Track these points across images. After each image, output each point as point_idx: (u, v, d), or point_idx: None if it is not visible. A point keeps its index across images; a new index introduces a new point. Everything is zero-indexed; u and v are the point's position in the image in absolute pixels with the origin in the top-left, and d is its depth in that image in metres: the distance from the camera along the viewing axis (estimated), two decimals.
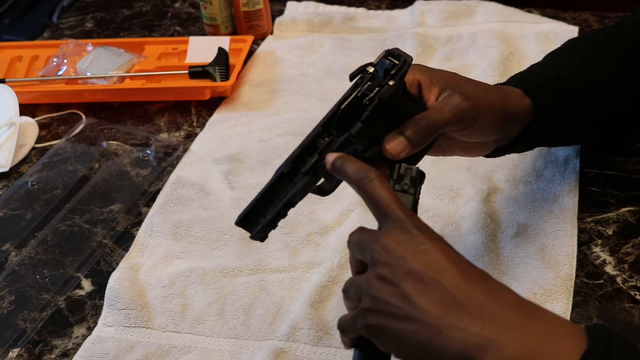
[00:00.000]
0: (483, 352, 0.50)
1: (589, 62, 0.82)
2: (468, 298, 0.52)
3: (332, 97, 1.08)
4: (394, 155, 0.65)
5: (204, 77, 1.11)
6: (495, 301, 0.52)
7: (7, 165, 1.00)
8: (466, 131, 0.69)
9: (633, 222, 0.83)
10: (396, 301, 0.53)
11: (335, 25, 1.23)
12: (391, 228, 0.56)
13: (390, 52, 0.64)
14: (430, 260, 0.53)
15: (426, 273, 0.53)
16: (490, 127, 0.70)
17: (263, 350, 0.74)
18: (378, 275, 0.54)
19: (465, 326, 0.51)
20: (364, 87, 0.64)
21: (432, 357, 0.52)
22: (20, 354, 0.77)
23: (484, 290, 0.52)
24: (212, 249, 0.85)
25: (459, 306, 0.51)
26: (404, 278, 0.53)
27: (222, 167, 0.96)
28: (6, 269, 0.86)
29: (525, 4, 1.26)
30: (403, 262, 0.54)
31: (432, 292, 0.52)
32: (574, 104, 0.78)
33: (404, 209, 0.56)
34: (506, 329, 0.50)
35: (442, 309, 0.52)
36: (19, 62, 1.21)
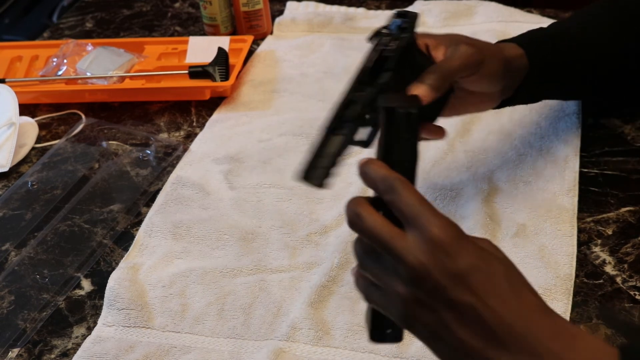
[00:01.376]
0: None
1: (589, 20, 0.88)
2: (506, 332, 0.50)
3: (332, 97, 1.08)
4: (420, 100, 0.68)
5: (204, 77, 1.11)
6: (533, 334, 0.50)
7: (7, 165, 1.00)
8: (474, 77, 0.75)
9: (633, 222, 0.83)
10: (437, 328, 0.52)
11: (335, 25, 1.23)
12: (422, 243, 0.51)
13: (399, 12, 0.73)
14: (467, 285, 0.51)
15: (464, 302, 0.50)
16: (494, 73, 0.77)
17: (263, 350, 0.74)
18: (414, 298, 0.52)
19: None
20: (382, 44, 0.70)
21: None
22: (20, 354, 0.77)
23: (521, 319, 0.51)
24: (212, 249, 0.85)
25: (498, 341, 0.50)
26: (444, 308, 0.51)
27: (222, 167, 0.97)
28: (6, 269, 0.86)
29: (525, 4, 1.26)
30: (441, 291, 0.51)
31: (474, 325, 0.51)
32: (566, 53, 0.84)
33: (437, 220, 0.52)
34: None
35: (482, 343, 0.51)
36: (19, 62, 1.21)
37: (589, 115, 0.97)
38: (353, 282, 0.57)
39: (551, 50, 0.84)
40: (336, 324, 0.75)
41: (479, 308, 0.50)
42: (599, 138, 0.94)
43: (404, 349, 0.72)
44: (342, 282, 0.80)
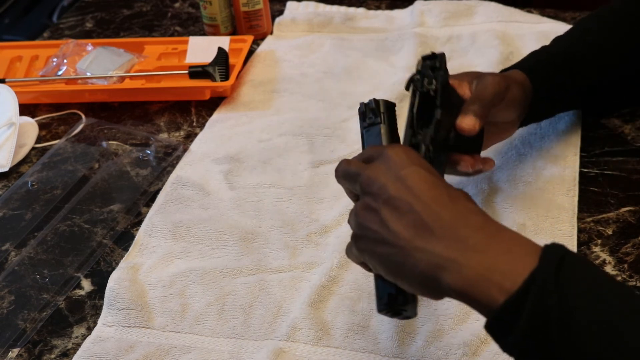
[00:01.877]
0: (443, 272, 0.54)
1: (586, 36, 0.90)
2: (435, 221, 0.56)
3: (332, 97, 1.09)
4: (471, 130, 0.74)
5: (204, 77, 1.11)
6: (460, 223, 0.55)
7: (7, 165, 1.00)
8: (501, 105, 0.78)
9: (633, 222, 0.83)
10: (377, 227, 0.58)
11: (335, 25, 1.23)
12: (375, 159, 0.61)
13: (425, 56, 0.77)
14: (407, 185, 0.57)
15: (402, 199, 0.57)
16: (517, 99, 0.80)
17: (263, 350, 0.74)
18: (364, 204, 0.60)
19: (430, 248, 0.55)
20: (421, 88, 0.74)
21: (406, 277, 0.57)
22: (20, 354, 0.77)
23: (452, 213, 0.56)
24: (212, 249, 0.85)
25: (427, 229, 0.56)
26: (383, 205, 0.58)
27: (222, 167, 0.97)
28: (6, 269, 0.86)
29: (525, 4, 1.26)
30: (383, 190, 0.58)
31: (406, 216, 0.57)
32: (568, 72, 0.87)
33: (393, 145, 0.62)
34: (466, 250, 0.54)
35: (413, 232, 0.56)
36: (19, 62, 1.21)
37: (588, 116, 0.97)
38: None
39: (552, 71, 0.86)
40: (336, 324, 0.75)
41: (413, 202, 0.57)
42: (599, 138, 0.94)
43: (404, 349, 0.72)
44: (342, 282, 0.80)
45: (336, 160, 0.96)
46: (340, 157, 0.96)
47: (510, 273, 0.52)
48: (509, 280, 0.51)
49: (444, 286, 0.54)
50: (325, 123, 1.03)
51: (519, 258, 0.52)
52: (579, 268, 0.52)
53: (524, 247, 0.54)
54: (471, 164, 0.77)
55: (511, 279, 0.51)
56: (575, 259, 0.52)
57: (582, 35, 0.91)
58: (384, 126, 0.69)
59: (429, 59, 0.77)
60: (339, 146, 0.98)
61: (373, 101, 0.70)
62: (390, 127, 0.70)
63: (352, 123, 1.02)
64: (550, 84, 0.85)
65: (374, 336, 0.74)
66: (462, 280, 0.53)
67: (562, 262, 0.51)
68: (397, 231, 0.57)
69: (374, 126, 0.69)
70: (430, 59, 0.77)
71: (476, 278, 0.53)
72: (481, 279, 0.52)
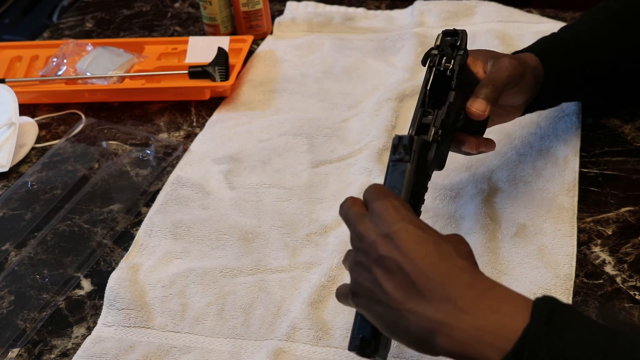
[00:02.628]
0: (435, 335, 0.54)
1: (600, 21, 0.90)
2: (424, 282, 0.55)
3: (332, 97, 1.09)
4: (480, 115, 0.73)
5: (204, 77, 1.11)
6: (449, 283, 0.55)
7: (7, 165, 1.00)
8: (515, 89, 0.77)
9: (633, 222, 0.83)
10: (370, 286, 0.58)
11: (335, 25, 1.23)
12: (368, 216, 0.60)
13: (446, 32, 0.75)
14: (395, 244, 0.57)
15: (391, 258, 0.56)
16: (529, 85, 0.79)
17: (263, 350, 0.74)
18: (357, 260, 0.60)
19: (420, 310, 0.54)
20: (439, 65, 0.73)
21: (400, 336, 0.57)
22: (20, 354, 0.77)
23: (441, 272, 0.55)
24: (212, 249, 0.85)
25: (416, 290, 0.55)
26: (374, 264, 0.57)
27: (222, 167, 0.97)
28: (6, 269, 0.86)
29: (524, 4, 1.26)
30: (373, 248, 0.57)
31: (396, 277, 0.56)
32: (579, 57, 0.86)
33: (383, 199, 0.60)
34: (456, 312, 0.53)
35: (403, 294, 0.55)
36: (18, 62, 1.21)
37: (589, 115, 0.97)
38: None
39: (564, 56, 0.85)
40: (336, 324, 0.75)
41: (402, 262, 0.56)
42: (599, 138, 0.94)
43: (404, 349, 0.72)
44: (342, 282, 0.79)
45: (336, 160, 0.96)
46: (340, 157, 0.96)
47: (502, 332, 0.52)
48: (501, 340, 0.52)
49: (437, 348, 0.54)
50: (325, 123, 1.03)
51: (509, 316, 0.53)
52: (569, 320, 0.52)
53: (514, 304, 0.54)
54: (475, 145, 0.77)
55: (504, 339, 0.52)
56: (566, 310, 0.53)
57: (591, 24, 0.90)
58: (411, 166, 0.66)
59: (449, 35, 0.75)
60: (338, 146, 0.98)
61: (408, 137, 0.67)
62: (417, 168, 0.67)
63: (352, 123, 1.02)
64: (559, 69, 0.84)
65: None
66: (454, 343, 0.53)
67: (553, 316, 0.52)
68: (389, 292, 0.56)
69: (401, 163, 0.67)
70: (451, 35, 0.75)
71: (468, 340, 0.53)
72: (473, 340, 0.52)
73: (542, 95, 0.84)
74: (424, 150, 0.68)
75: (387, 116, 1.00)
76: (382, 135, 0.97)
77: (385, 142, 0.96)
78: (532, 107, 0.86)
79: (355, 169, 0.94)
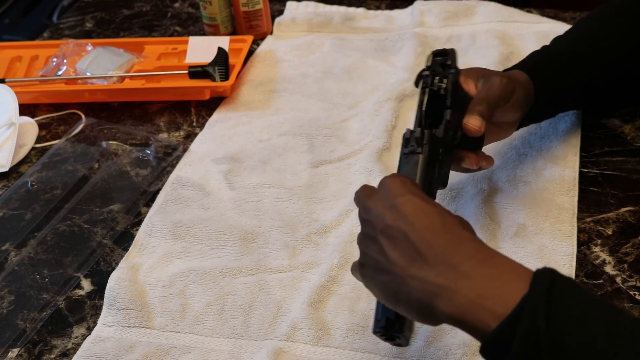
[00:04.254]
0: (436, 299, 0.55)
1: (587, 35, 0.90)
2: (428, 249, 0.57)
3: (332, 97, 1.09)
4: (476, 130, 0.74)
5: (204, 77, 1.11)
6: (452, 251, 0.56)
7: (7, 165, 1.00)
8: (508, 106, 0.78)
9: (633, 222, 0.83)
10: (376, 255, 0.60)
11: (335, 26, 1.23)
12: (376, 191, 0.63)
13: (436, 52, 0.77)
14: (401, 214, 0.59)
15: (397, 227, 0.58)
16: (520, 101, 0.80)
17: (263, 350, 0.74)
18: (364, 232, 0.62)
19: (423, 275, 0.56)
20: (432, 85, 0.74)
21: (403, 304, 0.58)
22: (20, 354, 0.77)
23: (444, 240, 0.57)
24: (212, 249, 0.85)
25: (420, 257, 0.57)
26: (380, 234, 0.59)
27: (222, 167, 0.97)
28: (6, 269, 0.86)
29: (524, 4, 1.26)
30: (380, 219, 0.60)
31: (401, 245, 0.58)
32: (570, 70, 0.87)
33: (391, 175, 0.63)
34: (457, 277, 0.55)
35: (407, 260, 0.57)
36: (18, 62, 1.21)
37: (589, 115, 0.97)
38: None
39: (555, 71, 0.86)
40: (336, 324, 0.75)
41: (407, 230, 0.58)
42: (599, 138, 0.94)
43: (404, 349, 0.72)
44: (342, 282, 0.80)
45: (336, 160, 0.96)
46: (340, 157, 0.96)
47: (502, 299, 0.53)
48: (500, 306, 0.52)
49: (437, 313, 0.55)
50: (325, 123, 1.03)
51: (510, 284, 0.53)
52: (569, 292, 0.52)
53: (516, 273, 0.54)
54: (475, 161, 0.78)
55: (503, 305, 0.52)
56: (566, 283, 0.53)
57: (583, 34, 0.91)
58: (423, 157, 0.69)
59: (439, 55, 0.77)
60: (338, 146, 0.98)
61: (419, 131, 0.70)
62: (429, 160, 0.70)
63: (352, 123, 1.02)
64: (552, 84, 0.85)
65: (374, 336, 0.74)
66: (454, 306, 0.54)
67: (552, 286, 0.52)
68: (393, 260, 0.58)
69: (414, 155, 0.70)
70: (441, 55, 0.76)
71: (468, 304, 0.54)
72: (473, 305, 0.53)
73: (535, 111, 0.85)
74: (435, 144, 0.71)
75: (387, 116, 1.00)
76: (382, 135, 0.97)
77: (385, 142, 0.96)
78: (527, 121, 0.87)
79: (355, 169, 0.94)
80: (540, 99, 0.84)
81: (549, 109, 0.90)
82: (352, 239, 0.83)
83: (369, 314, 0.76)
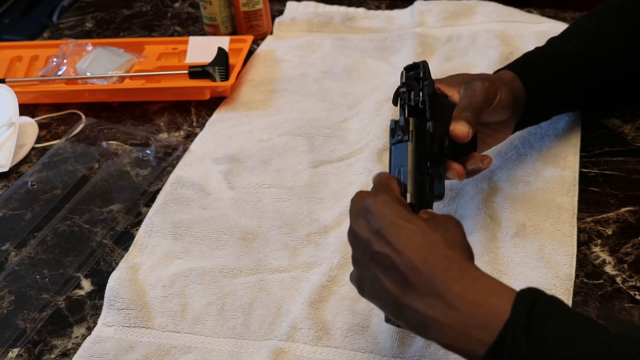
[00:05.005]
0: (428, 330, 0.57)
1: (583, 34, 0.91)
2: (416, 277, 0.58)
3: (331, 97, 1.09)
4: (464, 136, 0.75)
5: (204, 77, 1.11)
6: (439, 278, 0.57)
7: (7, 165, 1.00)
8: (492, 108, 0.79)
9: (633, 222, 0.83)
10: (371, 282, 0.61)
11: (335, 26, 1.23)
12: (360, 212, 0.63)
13: (407, 67, 0.78)
14: (386, 240, 0.59)
15: (384, 254, 0.59)
16: (505, 102, 0.80)
17: (263, 350, 0.74)
18: (355, 257, 0.64)
19: (415, 306, 0.58)
20: (409, 100, 0.75)
21: (403, 325, 0.61)
22: (20, 354, 0.77)
23: (430, 266, 0.58)
24: (212, 249, 0.85)
25: (410, 286, 0.58)
26: (371, 261, 0.61)
27: (222, 167, 0.97)
28: (6, 269, 0.86)
29: (524, 4, 1.26)
30: (368, 245, 0.61)
31: (390, 273, 0.59)
32: (560, 70, 0.86)
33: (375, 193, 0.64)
34: (445, 308, 0.56)
35: (399, 289, 0.59)
36: (18, 62, 1.21)
37: (588, 115, 0.97)
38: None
39: (548, 71, 0.86)
40: (336, 324, 0.75)
41: (394, 257, 0.59)
42: (599, 138, 0.94)
43: (404, 349, 0.72)
44: (342, 282, 0.80)
45: (336, 160, 0.96)
46: (340, 157, 0.96)
47: (487, 326, 0.55)
48: (485, 333, 0.54)
49: (432, 339, 0.58)
50: (325, 123, 1.03)
51: (494, 309, 0.55)
52: (549, 312, 0.54)
53: (499, 296, 0.56)
54: (458, 172, 0.77)
55: (488, 332, 0.54)
56: (546, 302, 0.55)
57: (580, 34, 0.91)
58: (411, 144, 0.71)
59: (411, 69, 0.78)
60: (338, 146, 0.98)
61: (403, 119, 0.72)
62: (417, 145, 0.71)
63: (352, 123, 1.02)
64: (546, 84, 0.85)
65: (374, 336, 0.74)
66: (444, 337, 0.57)
67: (534, 307, 0.54)
68: (387, 288, 0.59)
69: (402, 143, 0.71)
70: (413, 69, 0.77)
71: (456, 335, 0.56)
72: (461, 335, 0.56)
73: (530, 113, 0.85)
74: (421, 130, 0.72)
75: (387, 116, 1.00)
76: (382, 135, 0.97)
77: (385, 142, 0.96)
78: (524, 124, 0.87)
79: (355, 169, 0.94)
80: (534, 99, 0.84)
81: (546, 110, 0.89)
82: None
83: (369, 314, 0.76)
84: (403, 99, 0.77)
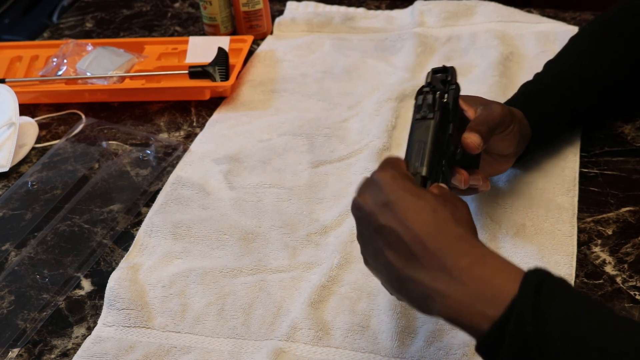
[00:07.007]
0: (432, 302, 0.57)
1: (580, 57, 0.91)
2: (422, 251, 0.57)
3: (331, 97, 1.09)
4: (474, 147, 0.75)
5: (204, 77, 1.11)
6: (446, 252, 0.57)
7: (7, 165, 1.00)
8: (505, 133, 0.79)
9: (633, 222, 0.83)
10: (374, 255, 0.61)
11: (335, 26, 1.23)
12: (366, 186, 0.63)
13: (435, 70, 0.78)
14: (394, 213, 0.59)
15: (390, 228, 0.59)
16: (517, 132, 0.81)
17: (263, 350, 0.74)
18: (359, 231, 0.63)
19: (418, 278, 0.57)
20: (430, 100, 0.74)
21: (403, 298, 0.61)
22: (20, 354, 0.77)
23: (437, 242, 0.58)
24: (212, 249, 0.85)
25: (414, 259, 0.58)
26: (374, 234, 0.60)
27: (222, 167, 0.97)
28: (6, 269, 0.86)
29: (524, 4, 1.26)
30: (373, 219, 0.60)
31: (395, 246, 0.59)
32: (563, 99, 0.87)
33: (383, 167, 0.64)
34: (451, 281, 0.56)
35: (403, 262, 0.58)
36: (19, 62, 1.21)
37: None
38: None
39: (549, 104, 0.86)
40: (336, 324, 0.76)
41: (399, 230, 0.58)
42: (599, 138, 0.95)
43: (404, 349, 0.72)
44: (342, 282, 0.80)
45: (336, 160, 0.96)
46: (340, 157, 0.96)
47: (493, 301, 0.54)
48: (491, 308, 0.54)
49: (434, 312, 0.57)
50: (325, 123, 1.03)
51: (501, 285, 0.55)
52: (557, 292, 0.54)
53: (507, 273, 0.56)
54: (465, 179, 0.76)
55: (494, 307, 0.54)
56: (555, 282, 0.55)
57: (577, 57, 0.92)
58: (434, 122, 0.71)
59: (439, 72, 0.78)
60: (338, 146, 0.98)
61: (431, 97, 0.72)
62: (440, 125, 0.71)
63: (352, 123, 1.02)
64: (547, 117, 0.86)
65: (374, 336, 0.74)
66: (448, 310, 0.56)
67: (541, 286, 0.53)
68: (389, 262, 0.59)
69: (425, 120, 0.71)
70: (441, 72, 0.77)
71: (461, 308, 0.55)
72: (466, 308, 0.55)
73: (533, 143, 0.85)
74: (445, 112, 0.72)
75: (387, 116, 1.00)
76: (382, 135, 0.97)
77: (385, 142, 0.96)
78: (528, 151, 0.87)
79: (355, 169, 0.94)
80: (537, 133, 0.85)
81: (547, 139, 0.90)
82: (353, 239, 0.83)
83: (369, 314, 0.76)
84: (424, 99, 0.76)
